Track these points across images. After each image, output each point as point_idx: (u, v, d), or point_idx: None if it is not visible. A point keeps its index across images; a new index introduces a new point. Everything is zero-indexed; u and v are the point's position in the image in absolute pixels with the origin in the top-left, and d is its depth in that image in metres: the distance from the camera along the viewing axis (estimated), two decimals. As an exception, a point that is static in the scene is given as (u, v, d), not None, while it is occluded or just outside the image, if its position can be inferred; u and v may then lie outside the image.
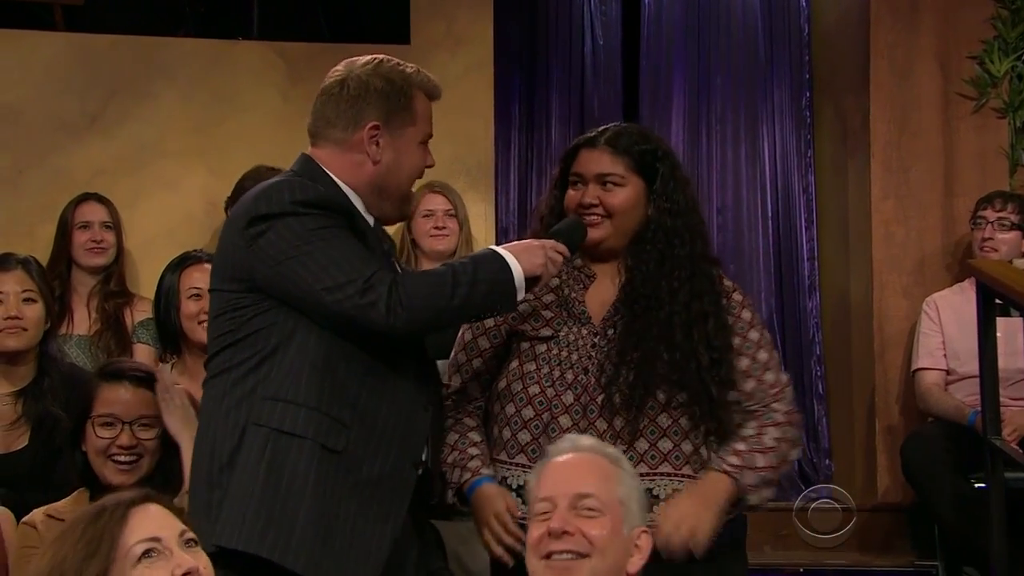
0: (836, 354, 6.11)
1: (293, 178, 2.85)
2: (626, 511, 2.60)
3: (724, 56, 6.53)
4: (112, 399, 3.32)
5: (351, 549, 2.72)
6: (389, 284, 2.71)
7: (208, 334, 2.93)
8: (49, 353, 3.98)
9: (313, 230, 2.74)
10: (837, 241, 6.14)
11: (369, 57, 2.95)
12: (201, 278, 3.95)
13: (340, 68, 2.94)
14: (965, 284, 5.24)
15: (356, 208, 2.88)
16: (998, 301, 4.24)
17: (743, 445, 3.01)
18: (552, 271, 2.92)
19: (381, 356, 2.80)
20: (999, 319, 4.27)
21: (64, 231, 4.91)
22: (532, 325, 3.08)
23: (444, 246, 4.68)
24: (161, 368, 3.43)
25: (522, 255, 2.85)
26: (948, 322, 5.21)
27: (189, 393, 3.39)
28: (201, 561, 2.28)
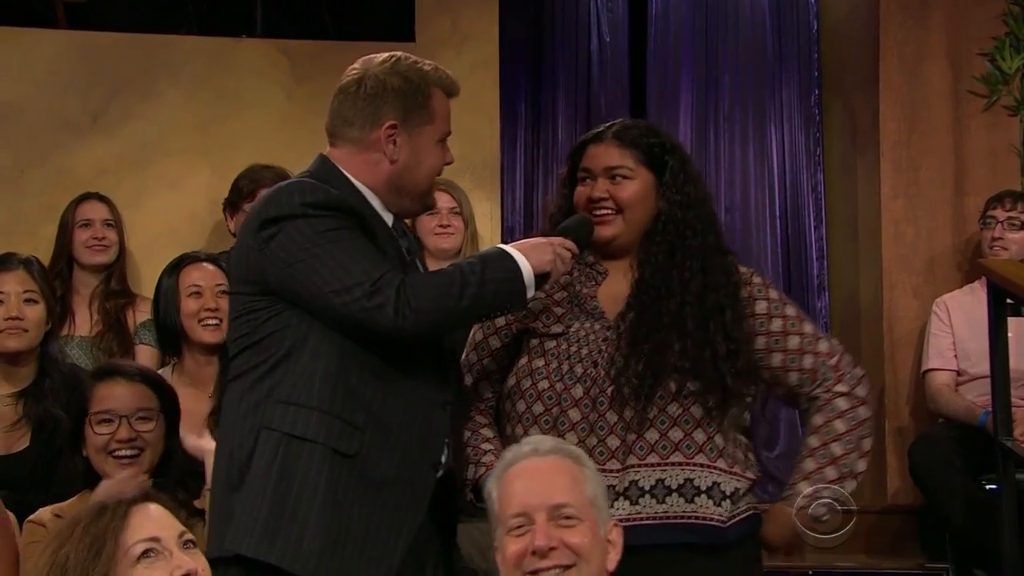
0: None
1: (304, 180, 2.85)
2: (598, 511, 2.59)
3: (732, 54, 6.50)
4: (107, 395, 3.32)
5: (364, 553, 2.71)
6: (397, 286, 2.70)
7: (228, 337, 2.94)
8: (50, 354, 3.97)
9: (322, 232, 2.74)
10: (846, 240, 6.11)
11: (387, 55, 2.94)
12: (200, 277, 3.98)
13: (357, 66, 2.93)
14: (976, 285, 5.22)
15: (372, 207, 2.87)
16: (1009, 301, 4.21)
17: (812, 463, 3.04)
18: (561, 268, 2.90)
19: (396, 357, 2.78)
20: (1010, 319, 4.26)
21: (65, 231, 4.89)
22: (544, 322, 3.07)
23: (449, 244, 4.66)
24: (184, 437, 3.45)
25: (530, 253, 2.83)
26: (958, 323, 5.19)
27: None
28: (200, 563, 2.28)
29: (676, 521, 2.93)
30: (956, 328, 5.18)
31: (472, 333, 3.18)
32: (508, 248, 2.85)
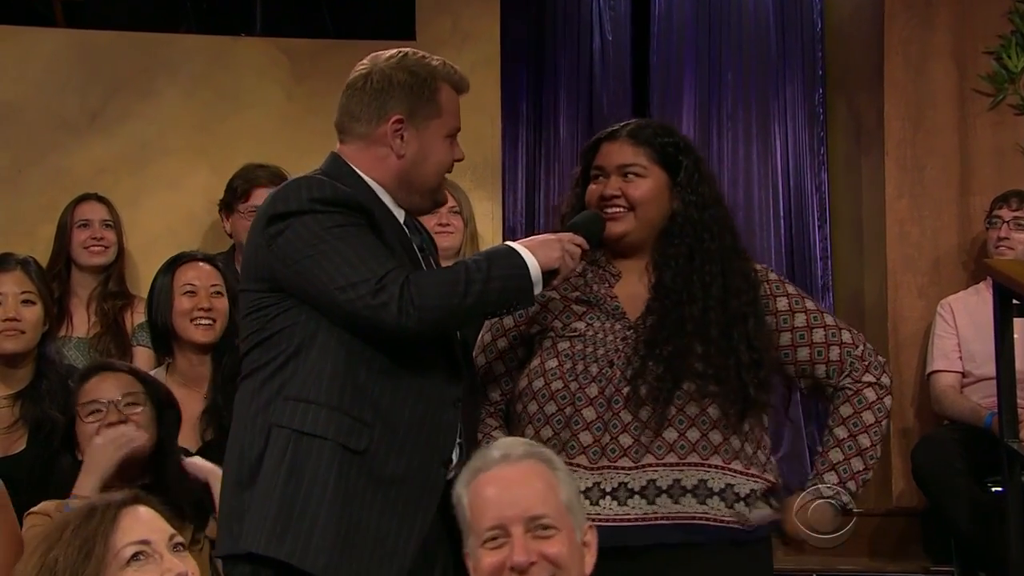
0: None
1: (313, 176, 2.85)
2: (574, 516, 2.52)
3: (735, 52, 6.48)
4: (93, 388, 3.32)
5: (374, 551, 2.70)
6: (401, 284, 2.69)
7: (240, 334, 2.95)
8: (47, 355, 3.94)
9: (329, 228, 2.73)
10: (851, 240, 6.09)
11: (395, 51, 2.94)
12: (196, 276, 3.96)
13: (365, 62, 2.93)
14: (980, 286, 5.21)
15: (383, 204, 2.87)
16: (1015, 301, 4.19)
17: (839, 454, 3.03)
18: (570, 264, 2.89)
19: (405, 354, 2.77)
20: (1016, 320, 4.23)
21: (63, 231, 4.87)
22: (563, 321, 3.05)
23: (448, 243, 4.63)
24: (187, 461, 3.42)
25: (538, 249, 2.82)
26: (963, 324, 5.17)
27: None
28: (190, 566, 2.27)
29: (689, 522, 2.91)
30: (961, 329, 5.17)
31: (481, 335, 3.15)
32: (515, 245, 2.84)
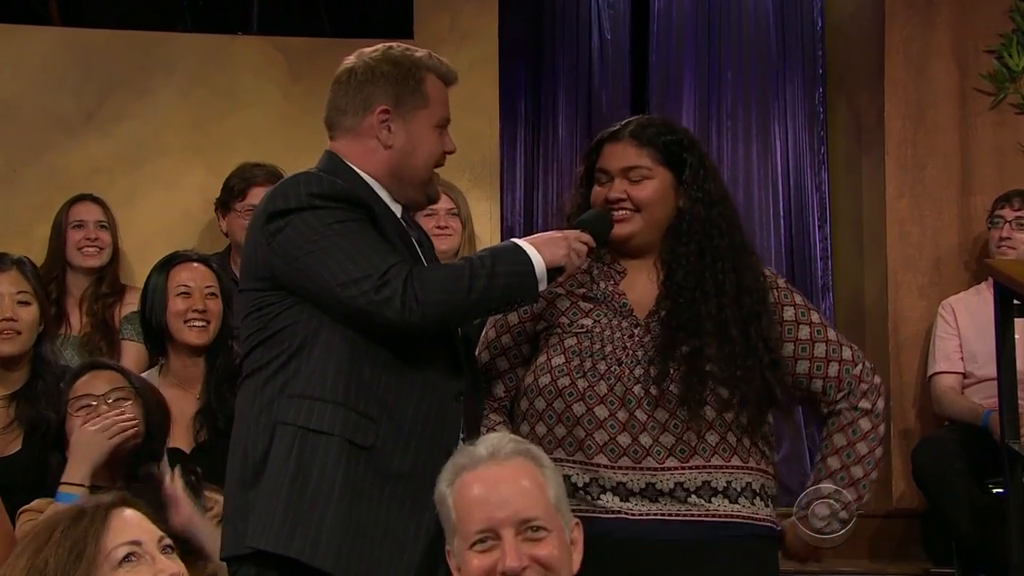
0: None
1: (311, 171, 2.84)
2: (562, 515, 2.48)
3: (735, 51, 6.47)
4: (83, 386, 3.31)
5: (383, 546, 2.70)
6: (404, 279, 2.68)
7: (240, 335, 2.93)
8: (43, 356, 3.91)
9: (330, 224, 2.72)
10: (851, 240, 6.07)
11: (380, 45, 2.95)
12: (190, 277, 3.93)
13: (351, 58, 2.94)
14: (982, 286, 5.19)
15: (380, 199, 2.86)
16: (1016, 302, 4.17)
17: (830, 484, 2.99)
18: (576, 261, 2.87)
19: (407, 348, 2.76)
20: (1017, 320, 4.21)
21: (58, 232, 4.85)
22: (570, 318, 3.03)
23: (447, 246, 4.62)
24: (168, 484, 3.38)
25: (543, 246, 2.81)
26: (965, 324, 5.16)
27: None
28: (181, 568, 2.26)
29: (715, 520, 2.91)
30: (962, 330, 5.16)
31: (484, 331, 3.13)
32: (520, 242, 2.83)
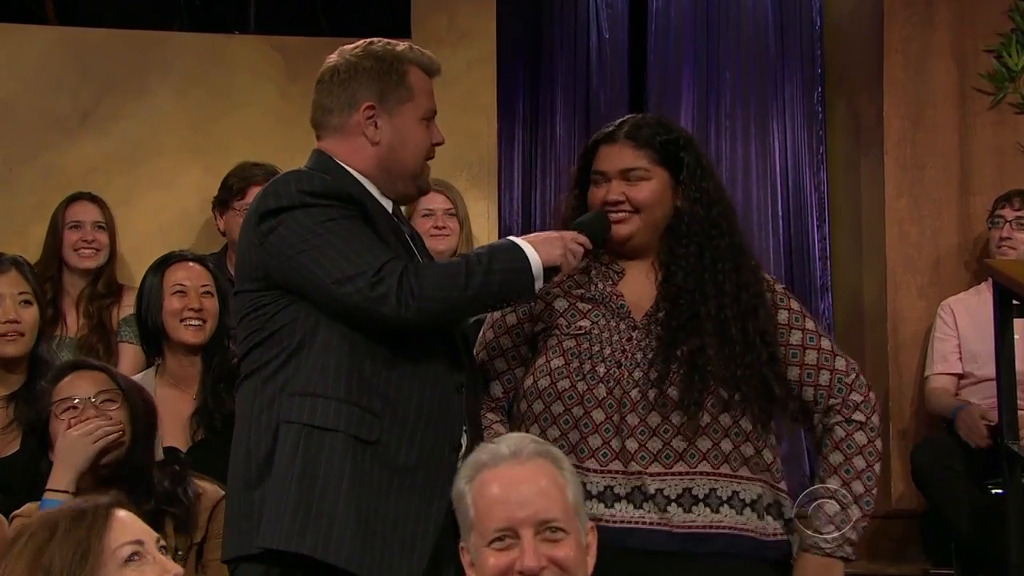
0: (849, 356, 5.98)
1: (302, 169, 2.85)
2: (579, 518, 2.49)
3: (734, 50, 6.44)
4: (68, 387, 3.26)
5: (394, 540, 2.70)
6: (399, 275, 2.68)
7: (237, 336, 2.93)
8: (42, 356, 3.91)
9: (322, 222, 2.73)
10: (850, 240, 6.06)
11: (362, 41, 2.95)
12: (186, 276, 3.93)
13: (333, 56, 2.95)
14: (982, 286, 5.19)
15: (370, 194, 2.86)
16: (1015, 302, 4.16)
17: (834, 506, 2.93)
18: (572, 261, 2.87)
19: (408, 342, 2.77)
20: (1016, 320, 4.20)
21: (55, 232, 4.82)
22: (568, 320, 3.01)
23: (444, 246, 4.62)
24: None
25: (540, 245, 2.81)
26: (964, 325, 5.16)
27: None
28: (179, 569, 2.28)
29: (695, 532, 2.88)
30: (962, 330, 5.16)
31: (482, 332, 3.12)
32: (517, 240, 2.83)
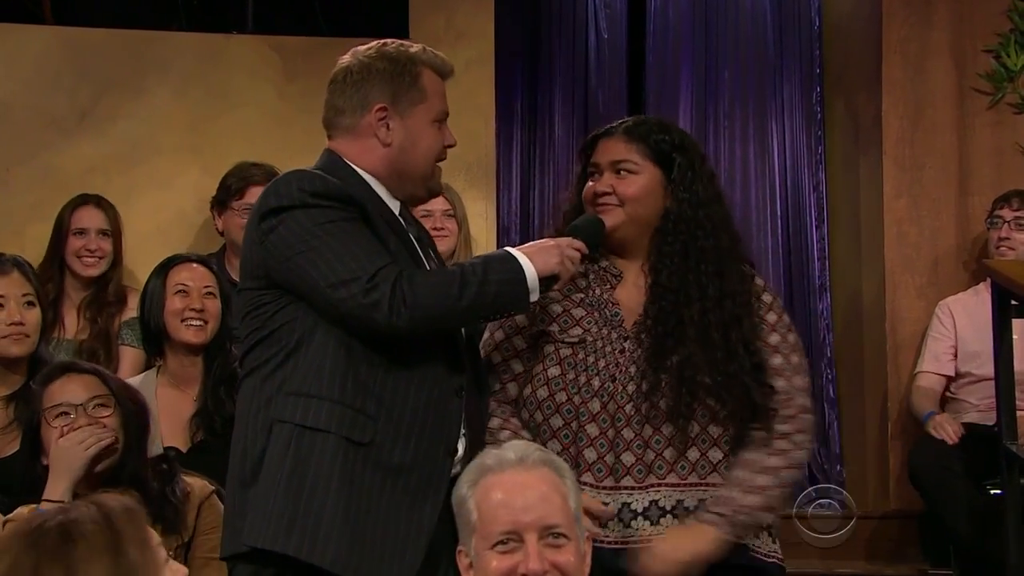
0: (848, 357, 6.02)
1: (305, 169, 2.85)
2: (578, 526, 2.52)
3: (732, 50, 6.43)
4: (59, 392, 3.24)
5: (384, 543, 2.70)
6: (393, 282, 2.68)
7: (240, 333, 2.93)
8: (42, 357, 3.91)
9: (321, 224, 2.73)
10: (848, 240, 6.05)
11: (375, 42, 2.96)
12: (189, 276, 3.96)
13: (346, 57, 2.96)
14: (980, 287, 5.17)
15: (377, 196, 2.86)
16: (1014, 302, 4.15)
17: (736, 491, 2.87)
18: (571, 268, 2.87)
19: (405, 345, 2.76)
20: (1015, 321, 4.19)
21: (59, 234, 4.78)
22: (561, 326, 3.00)
23: (443, 247, 4.59)
24: None
25: (536, 255, 2.81)
26: (963, 326, 5.15)
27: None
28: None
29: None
30: (961, 330, 5.15)
31: (491, 333, 3.10)
32: (513, 250, 2.83)
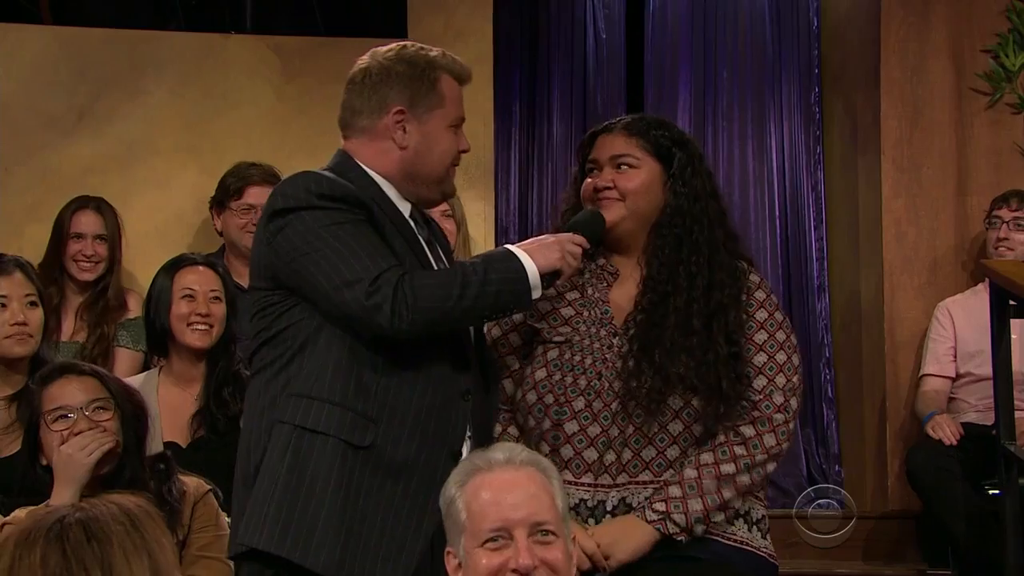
0: (846, 357, 6.00)
1: (314, 171, 2.85)
2: (566, 524, 2.54)
3: (731, 50, 6.41)
4: (58, 394, 3.22)
5: (380, 547, 2.70)
6: (395, 285, 2.67)
7: (249, 332, 2.94)
8: (43, 358, 3.91)
9: (327, 226, 2.73)
10: (847, 240, 6.04)
11: (394, 44, 2.96)
12: (196, 280, 3.96)
13: (365, 57, 2.96)
14: (980, 287, 5.16)
15: (387, 198, 2.86)
16: (1012, 303, 4.14)
17: (677, 491, 2.84)
18: (572, 264, 2.86)
19: (410, 347, 2.76)
20: (1014, 321, 4.18)
21: (59, 236, 4.77)
22: (550, 324, 3.01)
23: (441, 248, 4.59)
24: None
25: (536, 252, 2.81)
26: (962, 326, 5.15)
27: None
28: None
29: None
30: (960, 331, 5.15)
31: (488, 330, 3.09)
32: (514, 248, 2.82)
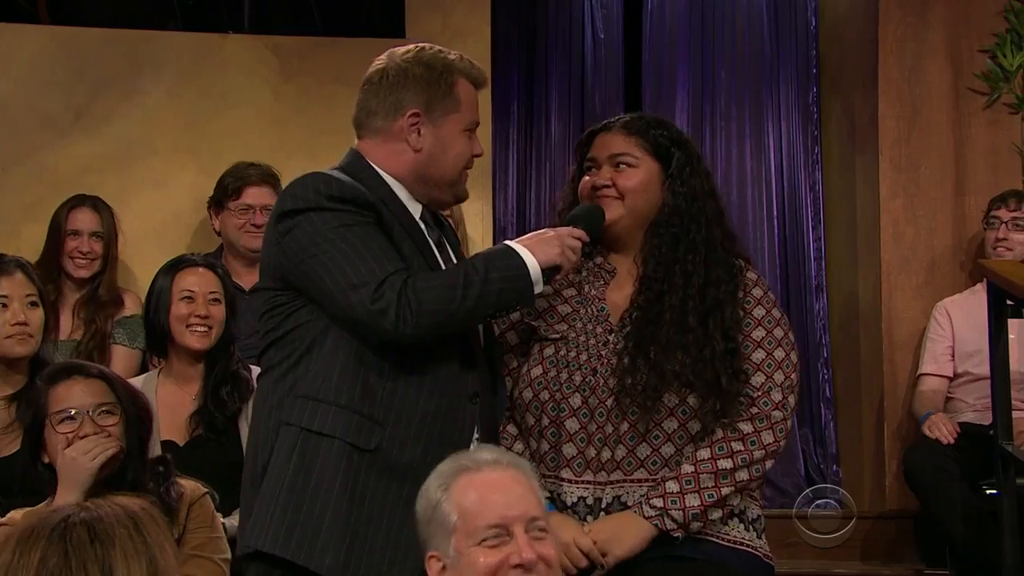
0: (844, 357, 6.01)
1: (324, 172, 2.85)
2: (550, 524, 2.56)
3: (729, 50, 6.42)
4: (65, 395, 3.20)
5: (385, 549, 2.70)
6: (400, 289, 2.67)
7: (259, 332, 2.94)
8: (43, 357, 3.92)
9: (335, 228, 2.73)
10: (845, 240, 6.04)
11: (412, 46, 2.95)
12: (195, 282, 3.96)
13: (382, 58, 2.95)
14: (978, 287, 5.17)
15: (397, 199, 2.86)
16: (1009, 302, 4.14)
17: (675, 486, 2.84)
18: (572, 258, 2.86)
19: (417, 350, 2.76)
20: (1012, 320, 4.18)
21: (55, 235, 4.79)
22: (547, 322, 3.01)
23: (439, 248, 4.59)
24: None
25: (536, 247, 2.81)
26: (960, 325, 5.15)
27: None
28: None
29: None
30: (958, 331, 5.15)
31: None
32: (513, 244, 2.82)
